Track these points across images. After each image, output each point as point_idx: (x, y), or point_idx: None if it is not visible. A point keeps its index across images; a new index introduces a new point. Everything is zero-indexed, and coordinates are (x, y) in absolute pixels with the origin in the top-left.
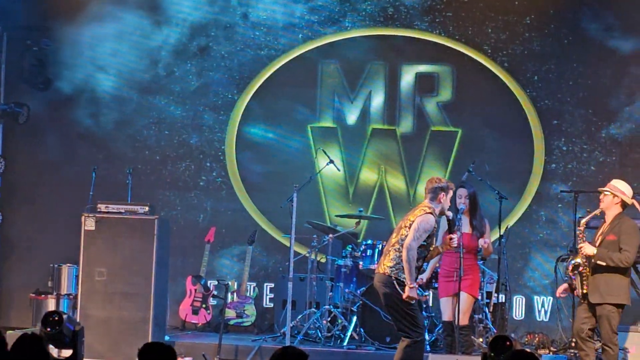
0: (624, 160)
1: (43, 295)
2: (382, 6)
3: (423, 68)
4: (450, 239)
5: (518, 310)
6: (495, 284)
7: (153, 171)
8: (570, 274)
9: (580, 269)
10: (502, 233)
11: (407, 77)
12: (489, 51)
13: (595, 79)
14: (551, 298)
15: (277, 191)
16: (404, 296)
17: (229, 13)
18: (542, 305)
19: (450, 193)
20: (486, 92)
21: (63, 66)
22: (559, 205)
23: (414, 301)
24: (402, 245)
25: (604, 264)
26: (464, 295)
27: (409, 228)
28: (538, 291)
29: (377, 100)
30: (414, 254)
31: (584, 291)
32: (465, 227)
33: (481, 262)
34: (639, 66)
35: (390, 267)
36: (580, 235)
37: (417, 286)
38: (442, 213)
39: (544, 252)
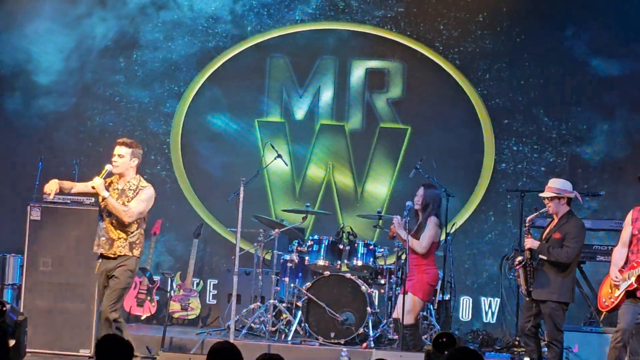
0: (574, 161)
1: None
2: (333, 0)
3: (373, 64)
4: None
5: (465, 312)
6: (440, 282)
7: (97, 163)
8: (515, 268)
9: (525, 264)
10: (448, 231)
11: (357, 72)
12: (441, 48)
13: (547, 79)
14: (498, 299)
15: (222, 185)
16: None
17: (176, 2)
18: (489, 307)
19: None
20: (437, 89)
21: (12, 55)
22: (508, 206)
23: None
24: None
25: (545, 257)
26: (408, 295)
27: None
28: (485, 292)
29: (326, 96)
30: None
31: (529, 288)
32: (413, 227)
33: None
34: (591, 66)
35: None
36: (526, 232)
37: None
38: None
39: (491, 252)
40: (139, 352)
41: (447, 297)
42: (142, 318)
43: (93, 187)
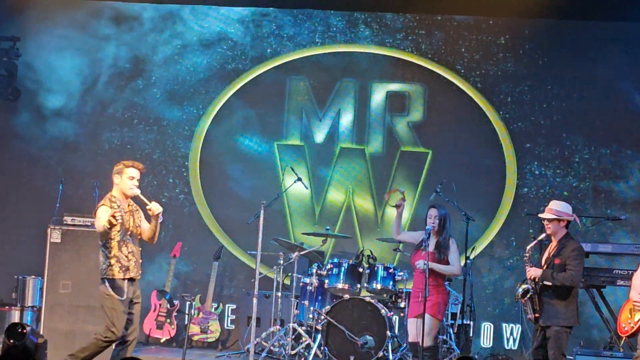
0: (597, 185)
1: (7, 307)
2: (353, 22)
3: (394, 87)
4: (149, 209)
5: (486, 338)
6: (460, 306)
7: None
8: (521, 300)
9: (530, 294)
10: (468, 255)
11: (378, 95)
12: (462, 71)
13: (569, 102)
14: (519, 325)
15: (242, 209)
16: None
17: (195, 24)
18: (511, 333)
19: (127, 173)
20: (458, 112)
21: (30, 77)
22: (530, 231)
23: (120, 300)
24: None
25: (549, 283)
26: (427, 317)
27: None
28: (507, 318)
29: (346, 119)
30: (102, 229)
31: (536, 315)
32: (432, 248)
33: (447, 283)
34: (615, 90)
35: (101, 270)
36: (527, 261)
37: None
38: (126, 196)
39: (513, 278)
40: None
41: (466, 321)
42: (162, 341)
43: (156, 214)
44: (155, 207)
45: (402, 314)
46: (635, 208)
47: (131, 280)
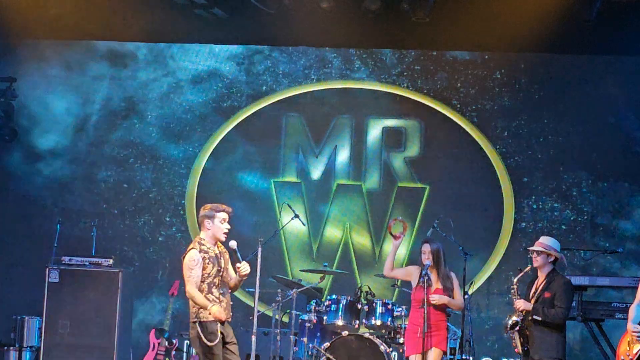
0: (595, 219)
1: (5, 347)
2: (349, 58)
3: (390, 122)
4: (238, 267)
5: None
6: (459, 341)
7: (112, 225)
8: (510, 332)
9: (518, 328)
10: (466, 290)
11: (374, 131)
12: (458, 106)
13: (566, 136)
14: None
15: (239, 246)
16: (212, 312)
17: (189, 62)
18: None
19: (218, 217)
20: (455, 147)
21: (25, 117)
22: (519, 268)
23: (213, 345)
24: None
25: (539, 318)
26: (435, 351)
27: None
28: (506, 353)
29: (343, 155)
30: (194, 292)
31: (524, 349)
32: (436, 283)
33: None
34: (611, 123)
35: (191, 314)
36: (514, 293)
37: (212, 305)
38: (216, 240)
39: (513, 313)
40: None
41: (465, 356)
42: None
43: (243, 274)
44: (244, 269)
45: (401, 350)
46: (635, 241)
47: (222, 323)
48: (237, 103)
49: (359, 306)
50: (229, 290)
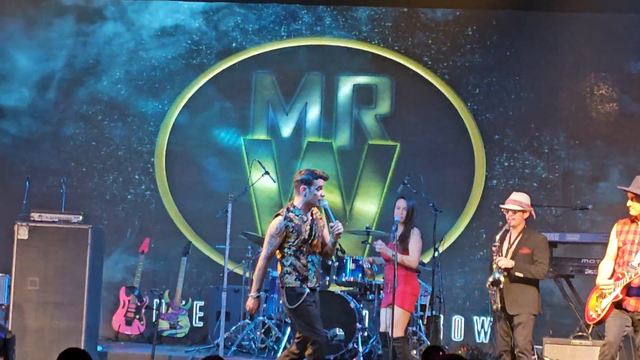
0: (566, 177)
1: None
2: (320, 15)
3: (361, 79)
4: (331, 227)
5: (457, 331)
6: (429, 297)
7: (79, 183)
8: (491, 288)
9: (501, 285)
10: (436, 246)
11: (345, 88)
12: (429, 63)
13: (537, 93)
14: (491, 319)
15: (209, 203)
16: (247, 305)
17: (160, 19)
18: (482, 326)
19: (316, 184)
20: (426, 104)
21: None
22: (500, 223)
23: (304, 305)
24: (280, 257)
25: (522, 275)
26: (395, 308)
27: None
28: (478, 311)
29: (313, 113)
30: (261, 264)
31: (504, 305)
32: (396, 239)
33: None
34: (581, 80)
35: (280, 278)
36: (495, 251)
37: (258, 296)
38: (311, 205)
39: (484, 270)
40: None
41: (435, 312)
42: (131, 337)
43: (336, 234)
44: (337, 227)
45: (371, 307)
46: (606, 198)
47: (311, 290)
48: (206, 60)
49: (330, 263)
50: (320, 257)
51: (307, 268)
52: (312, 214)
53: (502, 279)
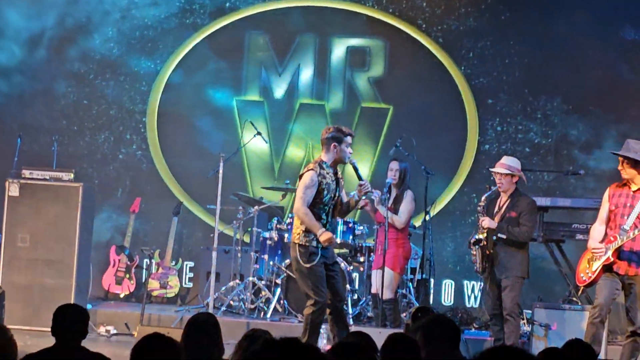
0: (559, 143)
1: None
2: None
3: (355, 42)
4: (360, 185)
5: (447, 295)
6: (419, 260)
7: (71, 142)
8: (472, 248)
9: (482, 243)
10: (427, 210)
11: (338, 50)
12: (424, 26)
13: (532, 58)
14: (481, 283)
15: (200, 163)
16: (322, 240)
17: None
18: (472, 291)
19: (347, 141)
20: (419, 68)
21: None
22: (487, 185)
23: (313, 265)
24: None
25: (504, 236)
26: (386, 270)
27: None
28: (468, 276)
29: (306, 74)
30: (305, 212)
31: (485, 265)
32: (391, 201)
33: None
34: (575, 45)
35: (294, 234)
36: (481, 211)
37: (324, 231)
38: (338, 162)
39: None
40: (117, 329)
41: (425, 276)
42: (121, 296)
43: (364, 193)
44: (365, 186)
45: (361, 269)
46: (598, 164)
47: (325, 249)
48: (200, 20)
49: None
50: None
51: (325, 228)
52: (336, 174)
53: (481, 238)
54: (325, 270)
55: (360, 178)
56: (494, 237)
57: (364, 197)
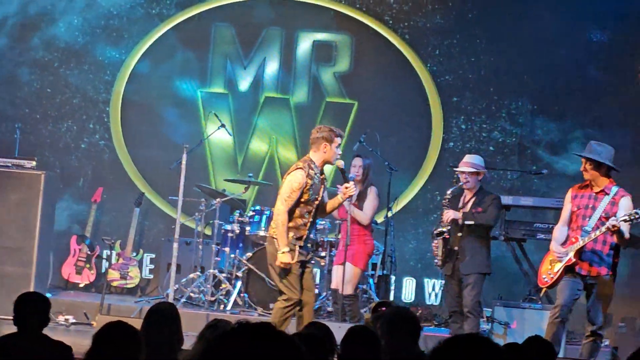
0: (523, 142)
1: None
2: None
3: (321, 36)
4: (346, 187)
5: (408, 293)
6: (381, 256)
7: (33, 130)
8: (434, 241)
9: (445, 236)
10: (390, 206)
11: (304, 44)
12: (390, 22)
13: (498, 56)
14: (442, 281)
15: (163, 156)
16: (277, 263)
17: None
18: (433, 288)
19: (337, 142)
20: (385, 64)
21: None
22: (454, 179)
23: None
24: None
25: (471, 222)
26: (348, 265)
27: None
28: (429, 273)
29: (272, 68)
30: (282, 221)
31: (446, 260)
32: (354, 198)
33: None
34: (542, 45)
35: (272, 228)
36: (446, 204)
37: (289, 250)
38: (326, 162)
39: None
40: (76, 318)
41: (387, 272)
42: (81, 286)
43: (347, 196)
44: (351, 189)
45: (322, 263)
46: (561, 164)
47: (303, 247)
48: (166, 10)
49: None
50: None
51: (307, 228)
52: (322, 174)
53: (444, 231)
54: (300, 268)
55: (346, 180)
56: (460, 229)
57: (348, 200)
